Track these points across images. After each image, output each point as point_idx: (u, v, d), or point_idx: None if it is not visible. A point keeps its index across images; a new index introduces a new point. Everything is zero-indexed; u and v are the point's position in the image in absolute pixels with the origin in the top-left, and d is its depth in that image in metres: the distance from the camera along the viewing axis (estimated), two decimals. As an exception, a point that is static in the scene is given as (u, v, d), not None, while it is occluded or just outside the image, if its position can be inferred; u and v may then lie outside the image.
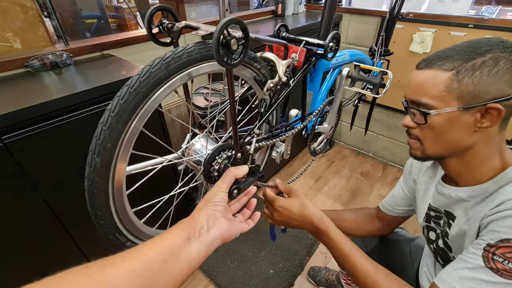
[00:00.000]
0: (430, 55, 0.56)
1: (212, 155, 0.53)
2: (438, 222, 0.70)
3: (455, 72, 0.51)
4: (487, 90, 0.49)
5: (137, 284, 0.31)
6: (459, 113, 0.52)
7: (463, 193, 0.61)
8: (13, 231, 0.82)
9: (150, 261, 0.33)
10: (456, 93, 0.51)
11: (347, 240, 0.63)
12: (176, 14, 0.53)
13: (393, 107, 1.97)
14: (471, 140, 0.55)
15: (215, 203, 0.45)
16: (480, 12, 1.81)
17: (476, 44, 0.51)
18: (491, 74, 0.48)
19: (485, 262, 0.49)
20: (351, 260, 0.61)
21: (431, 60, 0.55)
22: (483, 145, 0.55)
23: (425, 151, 0.61)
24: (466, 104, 0.51)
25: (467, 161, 0.58)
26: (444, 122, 0.54)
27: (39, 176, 0.80)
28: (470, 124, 0.53)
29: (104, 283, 0.29)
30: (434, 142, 0.58)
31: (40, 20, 1.01)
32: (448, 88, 0.52)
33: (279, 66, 0.59)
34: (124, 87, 0.40)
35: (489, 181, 0.57)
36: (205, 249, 0.39)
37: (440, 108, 0.54)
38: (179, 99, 1.50)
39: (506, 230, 0.48)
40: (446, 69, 0.52)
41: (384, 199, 0.92)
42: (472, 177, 0.60)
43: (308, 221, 0.65)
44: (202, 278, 1.44)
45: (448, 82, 0.52)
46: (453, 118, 0.53)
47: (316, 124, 0.88)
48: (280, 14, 1.93)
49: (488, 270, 0.48)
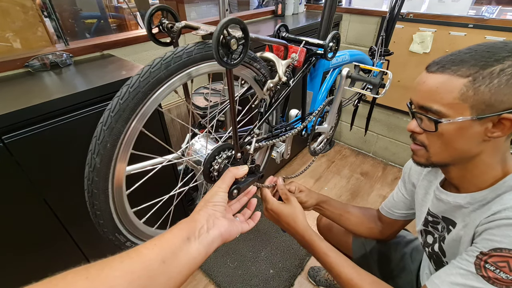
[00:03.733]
0: (442, 57, 0.53)
1: (212, 155, 0.53)
2: (436, 227, 0.69)
3: (471, 79, 0.48)
4: (502, 99, 0.47)
5: (136, 284, 0.31)
6: (470, 123, 0.50)
7: (461, 199, 0.60)
8: (13, 231, 0.82)
9: (149, 261, 0.33)
10: (471, 101, 0.48)
11: (332, 251, 0.64)
12: (176, 14, 0.53)
13: (393, 107, 1.97)
14: (478, 149, 0.53)
15: (215, 203, 0.45)
16: (480, 12, 1.81)
17: (493, 49, 0.48)
18: (509, 83, 0.46)
19: (477, 270, 0.48)
20: (335, 270, 0.62)
21: (444, 64, 0.51)
22: (489, 154, 0.54)
23: (430, 158, 0.58)
24: (479, 113, 0.49)
25: (470, 169, 0.57)
26: (454, 130, 0.52)
27: (39, 176, 0.80)
28: (480, 133, 0.51)
29: (102, 284, 0.29)
30: (441, 150, 0.56)
31: (40, 20, 1.01)
32: (463, 96, 0.49)
33: (279, 66, 0.59)
34: (124, 87, 0.40)
35: (488, 189, 0.56)
36: (205, 249, 0.39)
37: (452, 116, 0.51)
38: (179, 99, 1.50)
39: (499, 239, 0.47)
40: (461, 75, 0.49)
41: (383, 202, 0.91)
42: (473, 184, 0.59)
43: (294, 232, 0.68)
44: (202, 278, 1.44)
45: (463, 90, 0.48)
46: (464, 127, 0.51)
47: (316, 124, 0.88)
48: (280, 14, 1.93)
49: (480, 278, 0.48)
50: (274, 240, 1.61)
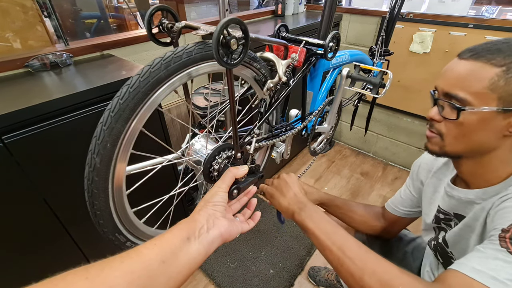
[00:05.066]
0: (477, 45, 0.51)
1: (212, 155, 0.53)
2: (449, 224, 0.68)
3: (505, 69, 0.46)
4: None
5: (136, 284, 0.31)
6: (494, 114, 0.48)
7: (473, 195, 0.59)
8: (13, 231, 0.82)
9: (149, 261, 0.33)
10: (500, 92, 0.47)
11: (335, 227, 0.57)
12: (176, 14, 0.53)
13: (393, 107, 1.97)
14: (496, 144, 0.52)
15: (215, 203, 0.45)
16: (480, 12, 1.81)
17: None
18: None
19: (502, 245, 0.46)
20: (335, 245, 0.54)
21: (479, 52, 0.49)
22: (506, 150, 0.52)
23: (444, 147, 0.56)
24: (506, 105, 0.47)
25: (484, 164, 0.55)
26: (476, 121, 0.50)
27: (39, 176, 0.80)
28: (502, 127, 0.49)
29: (102, 284, 0.29)
30: (457, 140, 0.54)
31: (40, 20, 1.01)
32: (493, 86, 0.47)
33: (279, 66, 0.59)
34: (124, 87, 0.40)
35: (500, 183, 0.55)
36: (205, 249, 0.39)
37: (477, 106, 0.49)
38: (179, 99, 1.50)
39: None
40: (495, 64, 0.47)
41: (390, 199, 0.90)
42: (484, 179, 0.57)
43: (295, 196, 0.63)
44: (202, 278, 1.44)
45: (494, 79, 0.47)
46: (486, 119, 0.49)
47: (316, 124, 0.88)
48: (280, 14, 1.93)
49: (507, 252, 0.45)
50: (274, 240, 1.61)
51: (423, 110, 1.84)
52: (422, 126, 1.92)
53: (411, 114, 1.91)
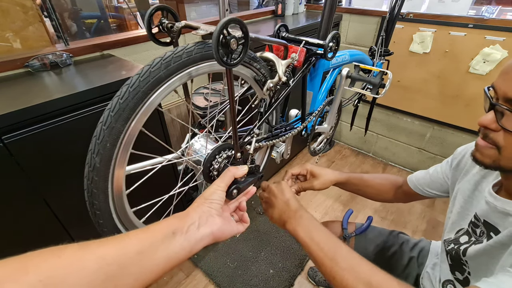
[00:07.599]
0: None
1: (212, 155, 0.53)
2: (475, 230, 0.63)
3: None
4: None
5: (106, 270, 0.31)
6: None
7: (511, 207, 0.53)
8: (12, 231, 0.82)
9: (124, 250, 0.33)
10: None
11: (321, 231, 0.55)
12: (176, 14, 0.53)
13: (393, 107, 1.97)
14: None
15: (212, 200, 0.45)
16: (480, 12, 1.80)
17: None
18: None
19: None
20: None
21: None
22: None
23: (499, 161, 0.48)
24: None
25: None
26: None
27: (39, 176, 0.80)
28: None
29: (71, 265, 0.29)
30: None
31: (40, 20, 1.01)
32: None
33: (279, 66, 0.59)
34: (124, 87, 0.40)
35: None
36: (190, 246, 0.38)
37: None
38: (179, 99, 1.50)
39: None
40: None
41: (414, 175, 0.84)
42: None
43: (286, 205, 0.62)
44: (202, 278, 1.44)
45: None
46: None
47: (316, 124, 0.88)
48: (280, 14, 1.93)
49: None
50: (274, 240, 1.61)
51: (423, 110, 1.84)
52: (422, 126, 1.92)
53: (411, 114, 1.91)
